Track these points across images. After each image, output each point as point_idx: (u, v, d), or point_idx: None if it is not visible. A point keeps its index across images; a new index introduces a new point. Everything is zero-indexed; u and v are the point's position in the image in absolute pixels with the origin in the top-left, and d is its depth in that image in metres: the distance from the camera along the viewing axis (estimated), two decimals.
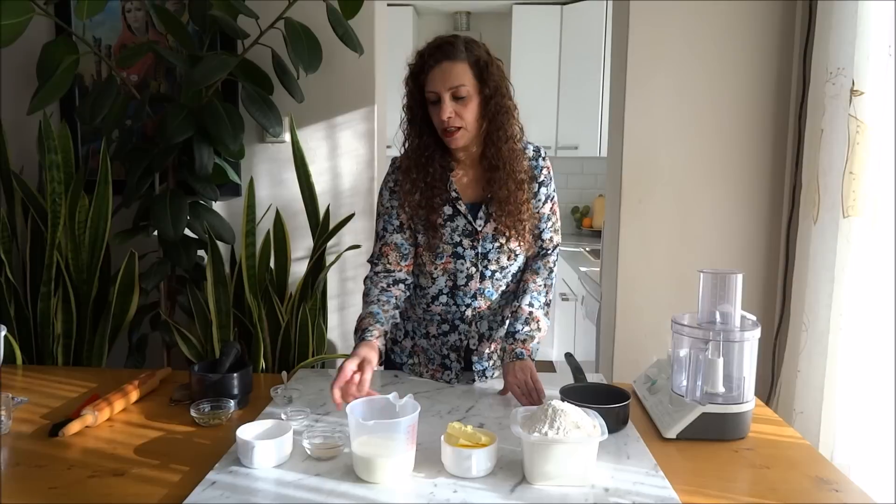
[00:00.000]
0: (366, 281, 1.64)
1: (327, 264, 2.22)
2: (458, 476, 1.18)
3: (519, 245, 1.62)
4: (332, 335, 2.44)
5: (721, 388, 1.36)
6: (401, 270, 1.63)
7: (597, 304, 2.79)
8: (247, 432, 1.25)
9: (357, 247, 2.28)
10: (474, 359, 1.69)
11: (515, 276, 1.68)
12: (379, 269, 1.64)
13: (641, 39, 2.28)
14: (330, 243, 2.25)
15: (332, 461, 1.25)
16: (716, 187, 2.33)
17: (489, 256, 1.62)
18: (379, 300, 1.57)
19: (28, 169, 2.33)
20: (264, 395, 1.58)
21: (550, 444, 1.14)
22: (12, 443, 1.35)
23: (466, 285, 1.63)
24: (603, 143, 4.12)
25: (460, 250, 1.61)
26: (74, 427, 1.36)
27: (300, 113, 2.33)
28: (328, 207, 2.26)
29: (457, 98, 1.48)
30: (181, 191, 2.14)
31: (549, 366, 4.31)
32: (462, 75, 1.48)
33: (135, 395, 1.54)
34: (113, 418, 1.46)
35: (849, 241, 1.87)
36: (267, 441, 1.22)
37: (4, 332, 1.41)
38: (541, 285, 1.66)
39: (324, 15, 2.02)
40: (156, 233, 2.13)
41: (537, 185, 1.63)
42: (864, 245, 1.86)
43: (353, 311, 2.40)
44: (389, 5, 2.70)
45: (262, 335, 2.13)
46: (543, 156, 1.64)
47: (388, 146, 2.31)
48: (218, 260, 2.09)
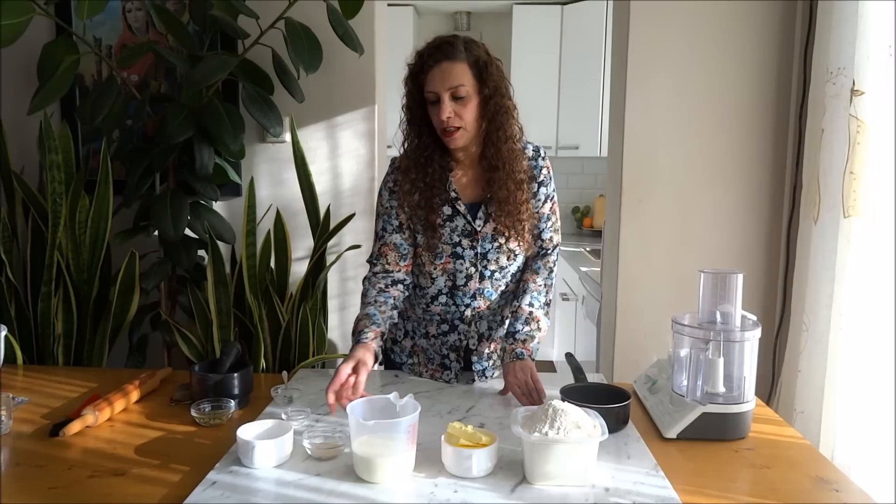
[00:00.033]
0: (364, 282, 1.64)
1: (328, 264, 2.22)
2: (459, 476, 1.18)
3: (518, 245, 1.61)
4: (333, 335, 2.44)
5: (721, 388, 1.36)
6: (399, 271, 1.63)
7: (597, 304, 2.79)
8: (247, 432, 1.25)
9: (357, 247, 2.28)
10: (474, 359, 1.69)
11: (515, 276, 1.68)
12: (377, 270, 1.64)
13: (642, 39, 2.28)
14: (330, 243, 2.26)
15: (332, 461, 1.25)
16: (716, 187, 2.33)
17: (488, 256, 1.62)
18: (376, 301, 1.57)
19: (28, 169, 2.33)
20: (265, 395, 1.58)
21: (551, 443, 1.14)
22: (13, 443, 1.35)
23: (466, 285, 1.63)
24: (603, 142, 4.12)
25: (459, 250, 1.61)
26: (75, 427, 1.36)
27: (300, 113, 2.33)
28: (328, 207, 2.26)
29: (456, 98, 1.48)
30: (182, 191, 2.14)
31: (549, 366, 4.31)
32: (461, 75, 1.48)
33: (135, 395, 1.54)
34: (113, 418, 1.46)
35: (849, 241, 1.87)
36: (267, 441, 1.22)
37: (5, 332, 1.41)
38: (541, 285, 1.66)
39: (324, 15, 2.02)
40: (156, 233, 2.13)
41: (537, 184, 1.62)
42: (865, 245, 1.86)
43: (354, 310, 2.40)
44: (390, 5, 2.70)
45: (263, 335, 2.13)
46: (543, 155, 1.64)
47: (389, 146, 2.31)
48: (218, 260, 2.09)
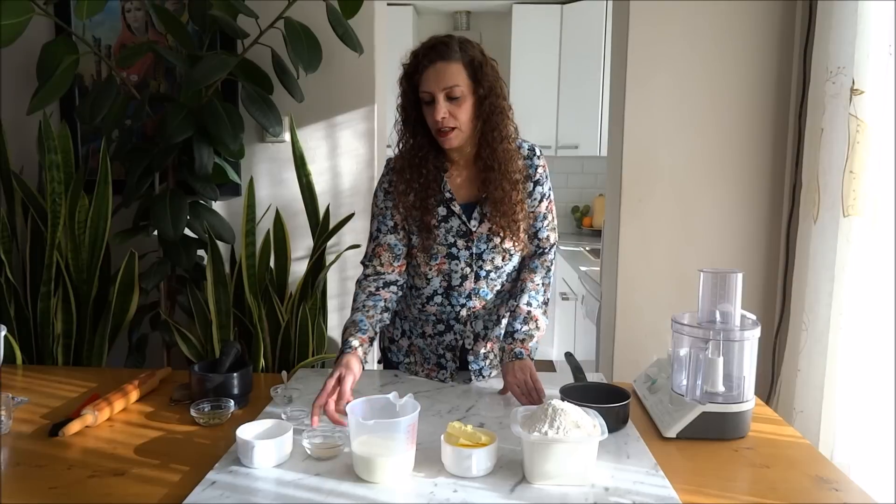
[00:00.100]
0: (356, 285, 1.64)
1: (327, 264, 2.22)
2: (458, 475, 1.18)
3: (514, 245, 1.61)
4: (333, 335, 2.44)
5: (721, 388, 1.36)
6: (392, 272, 1.62)
7: (597, 304, 2.79)
8: (247, 432, 1.25)
9: (357, 246, 2.28)
10: (470, 358, 1.69)
11: (511, 276, 1.68)
12: (369, 272, 1.63)
13: (641, 38, 2.28)
14: (330, 243, 2.26)
15: (332, 461, 1.25)
16: (716, 186, 2.33)
17: (484, 257, 1.61)
18: (364, 306, 1.57)
19: (28, 169, 2.33)
20: (264, 395, 1.58)
21: (550, 443, 1.14)
22: (12, 443, 1.35)
23: (461, 286, 1.63)
24: (603, 142, 4.12)
25: (455, 251, 1.60)
26: (74, 427, 1.36)
27: (300, 113, 2.33)
28: (328, 207, 2.26)
29: (451, 98, 1.48)
30: (181, 191, 2.14)
31: (549, 365, 4.31)
32: (456, 75, 1.47)
33: (135, 394, 1.54)
34: (113, 418, 1.46)
35: (849, 240, 1.87)
36: (267, 441, 1.22)
37: (4, 332, 1.41)
38: (538, 284, 1.66)
39: (324, 14, 2.02)
40: (156, 232, 2.12)
41: (532, 183, 1.62)
42: (864, 244, 1.86)
43: None
44: (389, 5, 2.70)
45: (262, 335, 2.13)
46: (538, 154, 1.63)
47: (388, 146, 2.31)
48: (218, 260, 2.09)
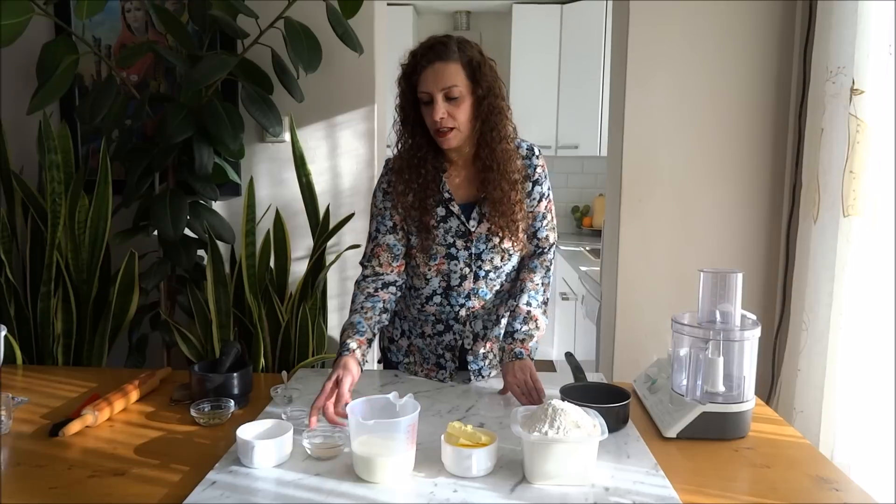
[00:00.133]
0: (354, 286, 1.63)
1: (327, 264, 2.22)
2: (459, 475, 1.18)
3: (512, 245, 1.61)
4: (333, 334, 2.43)
5: (721, 388, 1.36)
6: (391, 272, 1.62)
7: (597, 304, 2.79)
8: (247, 432, 1.25)
9: (357, 246, 2.28)
10: (469, 358, 1.69)
11: (510, 276, 1.68)
12: (367, 273, 1.63)
13: (641, 38, 2.28)
14: (330, 243, 2.25)
15: (332, 461, 1.25)
16: (716, 186, 2.33)
17: (483, 257, 1.61)
18: (362, 308, 1.57)
19: (28, 169, 2.33)
20: (264, 395, 1.58)
21: (550, 443, 1.14)
22: (12, 443, 1.35)
23: (460, 286, 1.63)
24: (603, 142, 4.12)
25: (454, 251, 1.60)
26: (74, 427, 1.36)
27: (300, 112, 2.33)
28: (328, 207, 2.26)
29: (449, 98, 1.47)
30: (181, 190, 2.14)
31: (549, 365, 4.31)
32: (455, 76, 1.47)
33: (135, 394, 1.54)
34: (113, 418, 1.46)
35: (849, 240, 1.87)
36: (267, 441, 1.22)
37: (4, 332, 1.41)
38: (538, 284, 1.66)
39: (323, 14, 2.02)
40: (156, 232, 2.12)
41: (531, 183, 1.62)
42: (865, 244, 1.85)
43: None
44: (389, 5, 2.70)
45: (262, 335, 2.13)
46: (537, 154, 1.63)
47: (388, 146, 2.30)
48: (218, 260, 2.09)
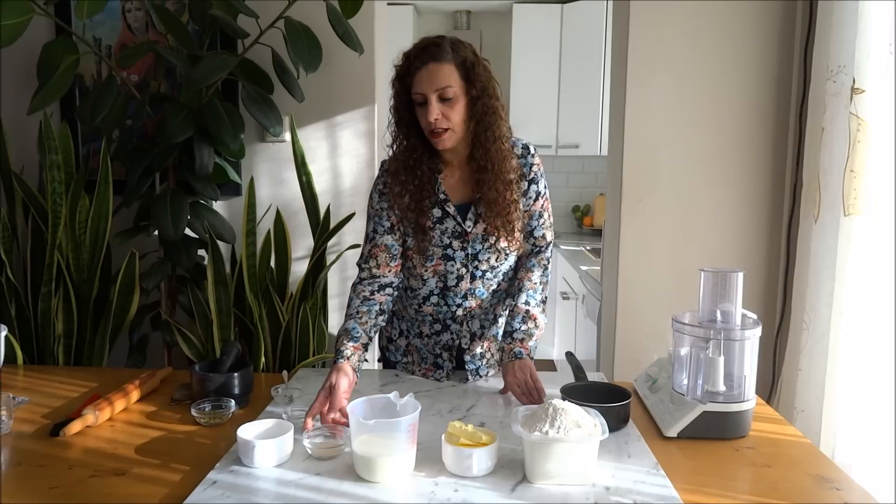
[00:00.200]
0: (351, 289, 1.63)
1: (328, 263, 2.22)
2: (459, 475, 1.18)
3: (509, 244, 1.60)
4: (333, 334, 2.43)
5: (722, 387, 1.36)
6: (389, 273, 1.62)
7: (597, 303, 2.79)
8: (247, 432, 1.25)
9: (358, 246, 2.28)
10: (466, 358, 1.69)
11: (507, 275, 1.68)
12: (364, 276, 1.62)
13: (641, 38, 2.28)
14: (330, 242, 2.26)
15: (332, 460, 1.25)
16: (716, 186, 2.33)
17: (479, 257, 1.61)
18: (358, 312, 1.56)
19: (28, 169, 2.33)
20: (265, 395, 1.58)
21: (551, 442, 1.14)
22: (13, 442, 1.35)
23: (457, 286, 1.63)
24: (603, 141, 4.12)
25: (450, 252, 1.60)
26: (75, 427, 1.37)
27: (300, 112, 2.33)
28: (328, 207, 2.26)
29: (444, 99, 1.47)
30: (181, 190, 2.14)
31: (549, 364, 4.31)
32: (449, 76, 1.46)
33: (136, 394, 1.54)
34: (114, 418, 1.46)
35: (849, 239, 1.87)
36: (267, 440, 1.22)
37: (5, 332, 1.41)
38: (536, 283, 1.65)
39: (324, 14, 2.02)
40: (156, 232, 2.13)
41: (527, 182, 1.61)
42: (865, 243, 1.85)
43: None
44: (389, 4, 2.70)
45: (263, 335, 2.13)
46: (532, 152, 1.63)
47: (388, 146, 2.31)
48: (218, 259, 2.09)
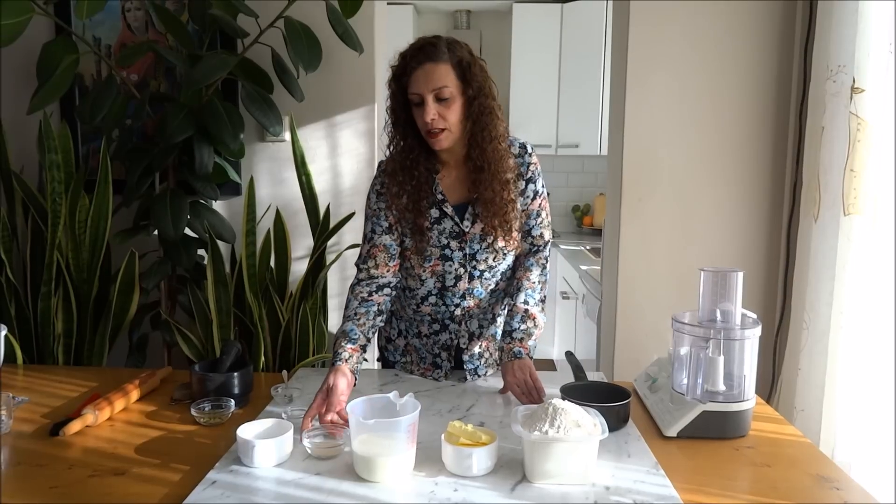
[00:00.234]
0: (349, 290, 1.63)
1: (328, 263, 2.22)
2: (459, 475, 1.18)
3: (507, 244, 1.61)
4: (333, 333, 2.44)
5: (722, 387, 1.36)
6: (387, 273, 1.61)
7: (597, 303, 2.79)
8: (247, 431, 1.25)
9: (357, 245, 2.27)
10: (465, 357, 1.68)
11: (505, 275, 1.68)
12: (362, 277, 1.62)
13: (641, 38, 2.28)
14: (330, 242, 2.26)
15: (332, 460, 1.25)
16: (716, 185, 2.33)
17: (477, 257, 1.61)
18: (356, 314, 1.56)
19: (28, 168, 2.33)
20: (265, 395, 1.58)
21: (551, 442, 1.14)
22: (13, 442, 1.35)
23: (455, 286, 1.63)
24: (603, 141, 4.12)
25: (448, 252, 1.60)
26: (75, 426, 1.37)
27: (300, 112, 2.33)
28: (328, 206, 2.26)
29: (440, 99, 1.47)
30: (181, 190, 2.14)
31: (549, 364, 4.31)
32: (445, 76, 1.46)
33: (135, 394, 1.54)
34: (113, 418, 1.46)
35: (849, 239, 1.87)
36: (267, 440, 1.22)
37: (5, 332, 1.41)
38: (535, 282, 1.65)
39: (323, 14, 2.02)
40: (156, 232, 2.13)
41: (524, 181, 1.61)
42: (865, 243, 1.85)
43: None
44: (389, 4, 2.70)
45: (263, 334, 2.13)
46: (530, 151, 1.63)
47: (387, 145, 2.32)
48: (218, 259, 2.09)
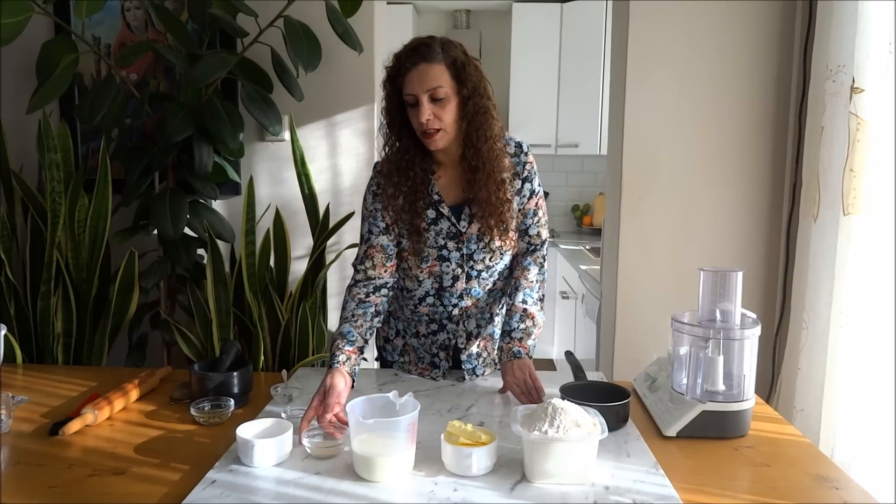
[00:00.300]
0: (346, 291, 1.62)
1: (327, 263, 2.22)
2: (459, 474, 1.18)
3: (504, 244, 1.60)
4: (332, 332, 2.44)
5: (721, 386, 1.36)
6: (385, 273, 1.61)
7: (597, 302, 2.79)
8: (247, 431, 1.25)
9: (357, 245, 2.27)
10: (463, 357, 1.68)
11: (502, 274, 1.68)
12: (359, 278, 1.61)
13: (641, 37, 2.28)
14: (330, 242, 2.26)
15: (332, 460, 1.25)
16: (716, 185, 2.33)
17: (475, 257, 1.61)
18: (353, 315, 1.56)
19: (28, 168, 2.33)
20: (264, 394, 1.58)
21: (550, 442, 1.14)
22: (12, 442, 1.35)
23: (453, 286, 1.63)
24: (603, 140, 4.12)
25: (445, 253, 1.60)
26: (74, 426, 1.36)
27: (300, 111, 2.32)
28: (328, 206, 2.26)
29: (435, 100, 1.46)
30: (181, 189, 2.14)
31: (549, 364, 4.32)
32: (439, 77, 1.46)
33: (135, 393, 1.54)
34: (113, 417, 1.46)
35: (849, 238, 1.87)
36: (267, 440, 1.22)
37: (4, 332, 1.41)
38: (533, 281, 1.65)
39: (323, 13, 2.02)
40: (156, 231, 2.13)
41: (520, 180, 1.61)
42: (865, 243, 1.85)
43: None
44: (389, 3, 2.70)
45: (262, 334, 2.13)
46: (526, 150, 1.62)
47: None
48: (218, 259, 2.09)
